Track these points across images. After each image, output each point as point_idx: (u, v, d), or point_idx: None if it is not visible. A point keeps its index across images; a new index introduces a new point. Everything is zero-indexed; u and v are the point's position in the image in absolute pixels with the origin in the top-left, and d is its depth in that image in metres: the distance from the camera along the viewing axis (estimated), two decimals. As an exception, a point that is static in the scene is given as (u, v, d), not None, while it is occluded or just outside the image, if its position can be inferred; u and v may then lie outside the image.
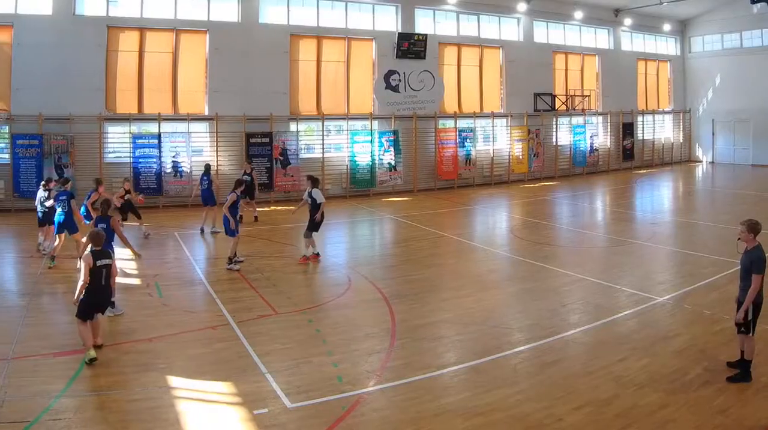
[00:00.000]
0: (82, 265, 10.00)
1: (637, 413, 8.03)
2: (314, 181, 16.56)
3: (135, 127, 25.50)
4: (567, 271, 15.27)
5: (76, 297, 10.06)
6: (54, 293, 13.64)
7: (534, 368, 9.63)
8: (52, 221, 15.99)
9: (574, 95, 37.17)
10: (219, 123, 26.45)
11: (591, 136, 38.11)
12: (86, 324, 9.76)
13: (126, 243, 12.98)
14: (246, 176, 21.89)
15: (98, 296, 10.04)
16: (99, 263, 9.96)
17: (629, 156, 40.19)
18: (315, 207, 16.23)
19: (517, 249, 18.37)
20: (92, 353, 9.56)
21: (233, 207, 15.90)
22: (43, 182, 17.68)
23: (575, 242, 19.68)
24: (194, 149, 26.35)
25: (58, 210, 15.55)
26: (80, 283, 9.93)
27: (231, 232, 15.80)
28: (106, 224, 12.29)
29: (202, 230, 20.36)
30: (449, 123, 32.70)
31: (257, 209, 23.10)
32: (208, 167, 21.33)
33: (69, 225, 15.52)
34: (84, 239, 12.18)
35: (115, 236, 12.52)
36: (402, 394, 8.70)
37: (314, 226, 16.29)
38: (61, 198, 15.56)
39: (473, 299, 13.19)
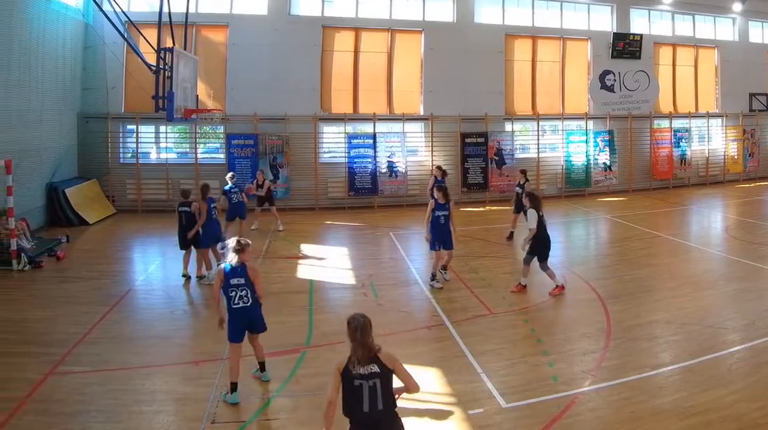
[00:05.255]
0: None
1: None
2: (533, 199, 7.94)
3: (350, 127, 15.94)
4: (787, 271, 8.82)
5: None
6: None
7: (749, 368, 5.64)
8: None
9: (790, 95, 22.42)
10: (434, 123, 16.28)
11: (808, 137, 23.14)
12: None
13: None
14: (518, 188, 11.60)
15: None
16: None
17: None
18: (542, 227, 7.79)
19: (733, 249, 11.08)
20: None
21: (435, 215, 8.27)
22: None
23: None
24: (409, 149, 16.30)
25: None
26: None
27: (431, 244, 8.37)
28: None
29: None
30: (664, 123, 19.79)
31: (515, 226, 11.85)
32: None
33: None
34: None
35: None
36: (617, 394, 5.18)
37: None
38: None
39: (688, 299, 7.65)
